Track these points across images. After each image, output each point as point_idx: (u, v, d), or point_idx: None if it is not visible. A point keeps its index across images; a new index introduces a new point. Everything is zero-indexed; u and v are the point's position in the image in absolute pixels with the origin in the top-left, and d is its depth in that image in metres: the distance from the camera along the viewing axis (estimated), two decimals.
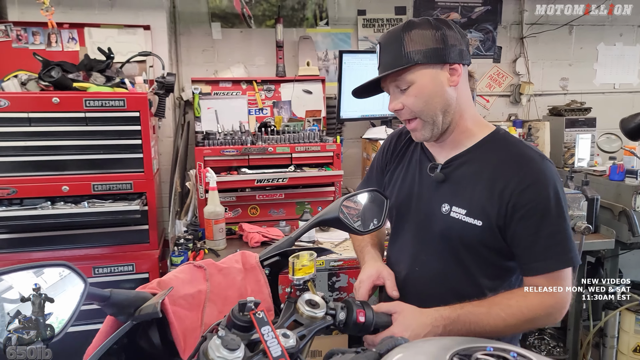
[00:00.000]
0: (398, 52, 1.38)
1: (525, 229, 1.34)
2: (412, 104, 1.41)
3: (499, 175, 1.38)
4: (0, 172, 2.46)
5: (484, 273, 1.44)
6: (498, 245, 1.40)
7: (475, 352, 0.78)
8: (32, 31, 2.99)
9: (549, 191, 1.34)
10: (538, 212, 1.33)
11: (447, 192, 1.47)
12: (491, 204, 1.37)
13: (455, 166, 1.47)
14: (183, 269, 1.14)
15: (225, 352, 0.86)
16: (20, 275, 0.86)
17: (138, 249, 2.68)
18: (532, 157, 1.38)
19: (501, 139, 1.46)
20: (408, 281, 1.53)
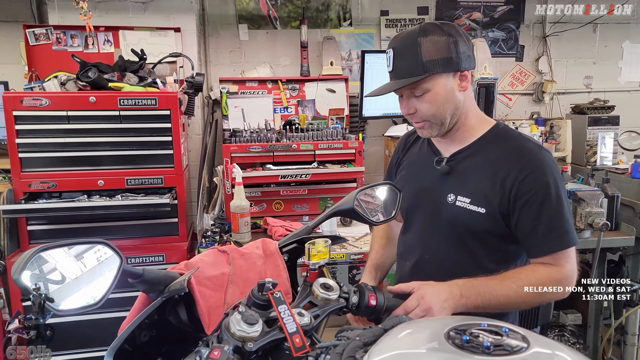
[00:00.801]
0: (414, 60, 1.45)
1: (527, 214, 1.45)
2: (425, 110, 1.50)
3: (501, 166, 1.49)
4: (41, 167, 2.62)
5: (490, 258, 1.53)
6: (501, 230, 1.50)
7: (470, 328, 0.85)
8: (70, 34, 3.15)
9: (547, 179, 1.44)
10: (539, 199, 1.44)
11: (453, 183, 1.57)
12: (494, 192, 1.48)
13: (460, 159, 1.58)
14: (208, 253, 1.24)
15: (245, 326, 0.95)
16: (68, 252, 0.95)
17: (168, 240, 2.81)
18: (530, 149, 1.49)
19: (501, 132, 1.57)
20: (418, 267, 1.63)
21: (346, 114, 3.62)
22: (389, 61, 1.51)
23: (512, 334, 0.81)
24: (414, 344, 0.88)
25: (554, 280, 1.43)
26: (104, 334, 1.09)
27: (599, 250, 2.69)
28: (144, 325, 1.08)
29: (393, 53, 1.49)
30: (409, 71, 1.46)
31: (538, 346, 0.78)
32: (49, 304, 0.89)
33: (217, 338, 0.97)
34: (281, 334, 0.99)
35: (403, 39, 1.49)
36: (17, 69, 3.25)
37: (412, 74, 1.45)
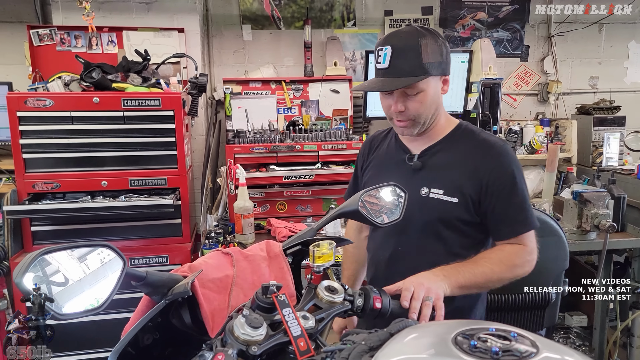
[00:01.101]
0: (416, 61, 1.50)
1: (497, 200, 1.58)
2: (415, 109, 1.57)
3: (470, 159, 1.62)
4: (45, 168, 2.62)
5: (460, 244, 1.65)
6: (471, 218, 1.62)
7: (478, 332, 0.84)
8: (74, 35, 3.16)
9: (513, 168, 1.59)
10: (508, 186, 1.58)
11: (425, 177, 1.66)
12: (466, 183, 1.60)
13: (430, 155, 1.69)
14: (211, 255, 1.23)
15: (249, 329, 0.94)
16: (71, 254, 0.95)
17: (171, 241, 2.81)
18: (494, 142, 1.63)
19: (466, 130, 1.70)
20: (394, 259, 1.72)
21: (350, 114, 3.61)
22: (383, 58, 1.53)
23: (520, 339, 0.79)
24: (421, 348, 0.87)
25: (520, 257, 1.58)
26: (108, 336, 1.09)
27: (605, 252, 2.67)
28: (147, 328, 1.07)
29: (392, 51, 1.51)
30: (410, 71, 1.50)
31: (547, 351, 0.76)
32: (53, 309, 0.88)
33: (221, 341, 0.96)
34: (286, 338, 0.98)
35: (403, 39, 1.52)
36: (21, 69, 3.25)
37: (413, 74, 1.50)
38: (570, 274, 2.33)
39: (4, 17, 3.39)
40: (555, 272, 2.25)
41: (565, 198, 3.04)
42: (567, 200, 2.97)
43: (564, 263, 2.25)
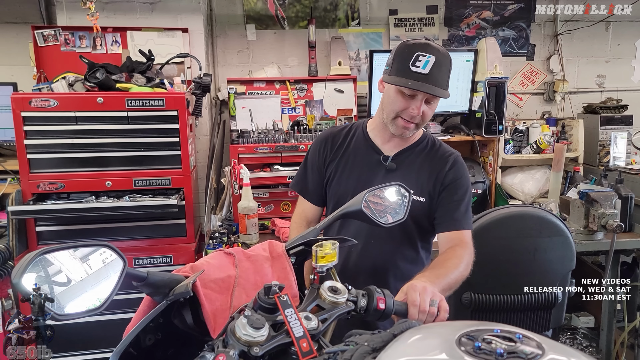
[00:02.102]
0: (448, 76, 1.72)
1: (451, 196, 1.82)
2: (428, 116, 1.77)
3: (434, 165, 1.85)
4: (49, 168, 2.63)
5: (420, 237, 1.89)
6: (432, 213, 1.84)
7: (482, 334, 0.82)
8: (78, 35, 3.16)
9: (466, 174, 1.87)
10: (462, 186, 1.83)
11: (397, 178, 1.78)
12: (432, 183, 1.83)
13: (403, 158, 1.88)
14: (214, 255, 1.22)
15: (250, 330, 0.94)
16: (70, 253, 0.94)
17: (175, 242, 2.81)
18: (452, 152, 1.89)
19: (431, 139, 1.93)
20: (365, 250, 1.87)
21: (354, 114, 3.59)
22: (424, 64, 1.65)
23: (526, 341, 0.78)
24: (424, 350, 0.86)
25: (469, 253, 1.74)
26: (110, 336, 1.09)
27: (612, 252, 2.65)
28: (149, 329, 1.07)
29: (434, 61, 1.66)
30: (444, 83, 1.70)
31: (553, 353, 0.75)
32: (52, 310, 0.88)
33: (222, 342, 0.95)
34: (288, 339, 0.97)
35: (442, 53, 1.69)
36: (26, 70, 3.26)
37: (445, 86, 1.71)
38: (577, 275, 2.32)
39: (8, 17, 3.40)
40: (561, 272, 2.23)
41: (572, 198, 3.02)
42: (574, 200, 2.95)
43: (570, 263, 2.24)
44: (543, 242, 2.21)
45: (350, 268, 1.88)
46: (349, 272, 1.87)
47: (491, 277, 2.16)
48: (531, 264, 2.22)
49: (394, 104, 1.75)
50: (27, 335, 1.09)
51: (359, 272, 1.88)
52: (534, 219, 2.24)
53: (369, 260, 1.88)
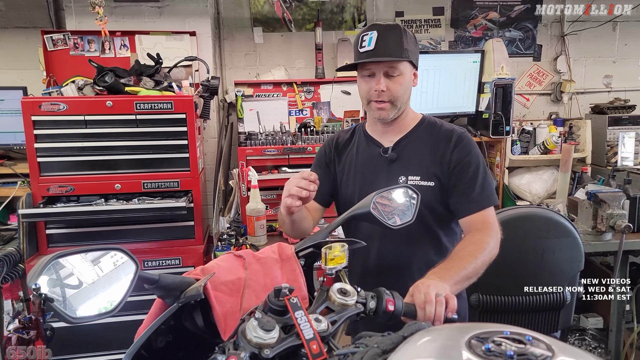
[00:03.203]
0: (398, 44, 1.67)
1: (463, 178, 1.73)
2: (395, 90, 1.72)
3: (437, 146, 1.78)
4: (59, 171, 2.65)
5: (439, 225, 1.79)
6: (445, 199, 1.76)
7: (492, 335, 0.83)
8: (87, 39, 3.19)
9: (475, 150, 1.78)
10: (472, 165, 1.74)
11: (400, 167, 1.79)
12: (437, 167, 1.76)
13: (403, 146, 1.83)
14: (224, 257, 1.23)
15: (261, 332, 0.94)
16: (85, 257, 0.96)
17: (184, 244, 2.82)
18: (455, 129, 1.81)
19: (430, 121, 1.87)
20: (383, 250, 1.80)
21: (361, 115, 3.60)
22: (368, 41, 1.67)
23: (536, 342, 0.78)
24: (434, 352, 0.86)
25: (490, 235, 1.65)
26: (121, 338, 1.10)
27: (621, 252, 2.64)
28: (160, 331, 1.08)
29: (377, 34, 1.67)
30: (393, 52, 1.67)
31: (563, 355, 0.75)
32: (66, 313, 0.89)
33: (233, 344, 0.96)
34: (298, 341, 0.98)
35: (385, 26, 1.70)
36: (36, 74, 3.29)
37: (396, 55, 1.68)
38: (585, 276, 2.31)
39: (18, 22, 3.43)
40: (570, 273, 2.23)
41: (579, 198, 3.01)
42: (582, 200, 2.93)
43: (579, 264, 2.23)
44: (551, 243, 2.20)
45: (371, 269, 1.83)
46: (370, 272, 1.83)
47: (499, 278, 2.15)
48: (539, 265, 2.21)
49: (360, 90, 1.79)
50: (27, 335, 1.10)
51: (382, 271, 1.82)
52: (541, 219, 2.24)
53: (389, 258, 1.81)
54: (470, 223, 1.71)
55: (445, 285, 1.40)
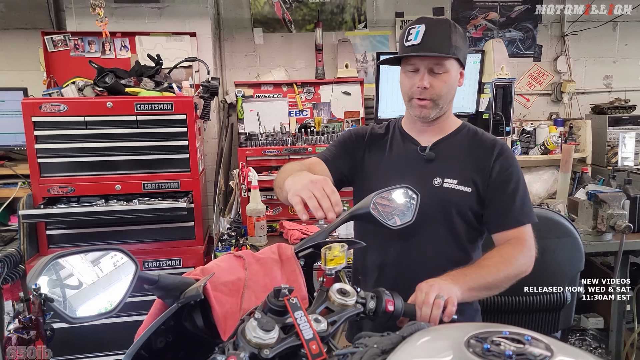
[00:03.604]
0: (446, 40, 1.59)
1: (503, 191, 1.66)
2: (439, 88, 1.64)
3: (478, 154, 1.71)
4: (60, 172, 2.65)
5: (467, 236, 1.71)
6: (479, 209, 1.69)
7: (491, 335, 0.83)
8: (88, 40, 3.19)
9: (516, 162, 1.71)
10: (513, 178, 1.67)
11: (437, 167, 1.72)
12: (477, 174, 1.68)
13: (442, 147, 1.75)
14: (224, 258, 1.23)
15: (261, 332, 0.94)
16: (85, 258, 0.96)
17: (184, 244, 2.82)
18: (497, 140, 1.75)
19: (471, 128, 1.80)
20: (404, 253, 1.70)
21: (362, 116, 3.60)
22: (415, 35, 1.59)
23: (535, 342, 0.78)
24: (433, 352, 0.86)
25: (521, 251, 1.59)
26: (121, 338, 1.11)
27: (621, 253, 2.64)
28: (160, 331, 1.08)
29: (425, 28, 1.58)
30: (441, 48, 1.58)
31: (562, 355, 0.75)
32: (66, 313, 0.89)
33: (233, 345, 0.96)
34: (298, 341, 0.98)
35: (434, 19, 1.62)
36: (36, 75, 3.29)
37: (443, 51, 1.59)
38: (585, 276, 2.31)
39: (19, 23, 3.44)
40: (570, 273, 2.23)
41: (580, 199, 3.01)
42: (582, 200, 2.93)
43: (579, 264, 2.23)
44: (551, 243, 2.20)
45: (388, 273, 1.73)
46: (387, 277, 1.73)
47: None
48: (539, 265, 2.19)
49: (403, 85, 1.70)
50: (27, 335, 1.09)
51: (398, 277, 1.70)
52: (542, 220, 2.22)
53: (409, 263, 1.70)
54: (505, 238, 1.65)
55: (456, 289, 1.38)
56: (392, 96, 3.42)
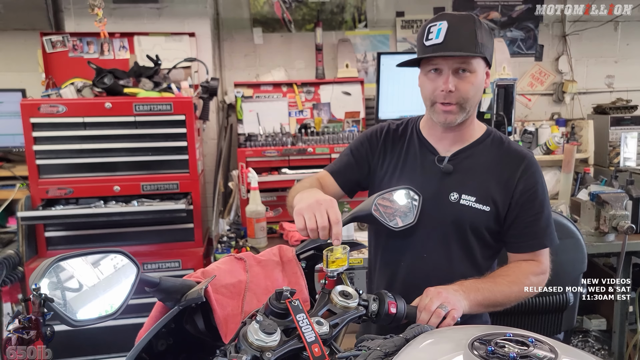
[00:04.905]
0: (472, 38, 1.44)
1: (528, 210, 1.55)
2: (466, 90, 1.49)
3: (502, 167, 1.58)
4: (58, 174, 2.65)
5: (482, 254, 1.61)
6: (496, 228, 1.59)
7: (495, 338, 0.82)
8: (86, 41, 3.18)
9: (542, 178, 1.60)
10: (539, 197, 1.56)
11: (455, 182, 1.59)
12: (499, 191, 1.56)
13: (462, 158, 1.61)
14: (225, 260, 1.22)
15: (262, 335, 0.94)
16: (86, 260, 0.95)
17: (184, 246, 2.81)
18: (525, 153, 1.60)
19: (495, 137, 1.65)
20: (415, 267, 1.62)
21: (362, 116, 3.59)
22: (437, 33, 1.45)
23: (538, 344, 0.78)
24: (437, 354, 0.86)
25: (537, 273, 1.55)
26: (122, 341, 1.10)
27: (623, 254, 2.63)
28: (161, 334, 1.08)
29: (448, 26, 1.44)
30: (466, 46, 1.44)
31: (566, 356, 0.75)
32: (68, 316, 0.88)
33: (234, 347, 0.95)
34: (300, 344, 0.97)
35: (458, 16, 1.47)
36: (35, 76, 3.28)
37: (469, 49, 1.44)
38: (588, 277, 2.29)
39: (17, 24, 3.42)
40: (573, 274, 2.21)
41: (582, 199, 2.99)
42: (585, 201, 2.92)
43: (581, 265, 2.22)
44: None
45: (397, 287, 1.63)
46: (396, 289, 1.55)
47: None
48: None
49: (424, 89, 1.55)
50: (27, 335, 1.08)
51: (410, 287, 1.51)
52: None
53: (420, 279, 1.52)
54: (522, 258, 1.58)
55: (463, 302, 1.36)
56: (392, 96, 3.41)
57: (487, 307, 1.45)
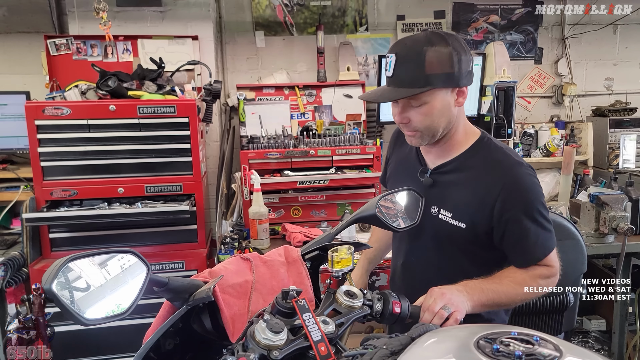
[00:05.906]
0: (418, 71, 1.41)
1: (513, 230, 1.49)
2: (419, 122, 1.49)
3: (481, 183, 1.52)
4: (62, 175, 2.66)
5: (472, 263, 1.58)
6: (481, 242, 1.55)
7: (500, 336, 0.83)
8: (90, 44, 3.20)
9: (529, 195, 1.49)
10: (522, 215, 1.48)
11: (436, 195, 1.60)
12: (475, 209, 1.52)
13: (443, 173, 1.61)
14: (231, 260, 1.24)
15: (270, 334, 0.95)
16: (93, 260, 0.96)
17: (187, 247, 2.82)
18: (510, 165, 1.51)
19: (484, 146, 1.59)
20: (406, 267, 1.71)
21: (363, 119, 3.60)
22: (389, 66, 1.45)
23: (543, 343, 0.79)
24: (443, 353, 0.87)
25: (544, 276, 1.52)
26: (130, 340, 1.11)
27: (623, 255, 2.65)
28: (168, 334, 1.09)
29: (395, 59, 1.43)
30: (410, 81, 1.42)
31: (571, 355, 0.76)
32: (81, 315, 0.89)
33: (242, 346, 0.97)
34: (306, 342, 0.99)
35: (407, 46, 1.44)
36: (39, 78, 3.30)
37: (414, 84, 1.42)
38: (588, 277, 2.31)
39: (21, 27, 3.44)
40: (573, 275, 2.23)
41: (582, 201, 3.01)
42: (584, 203, 2.94)
43: (581, 266, 2.23)
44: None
45: (396, 283, 1.78)
46: (395, 286, 1.77)
47: None
48: None
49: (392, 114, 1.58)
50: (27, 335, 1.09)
51: (405, 288, 1.67)
52: None
53: (411, 279, 1.69)
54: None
55: (467, 303, 1.38)
56: None
57: (491, 307, 1.46)
